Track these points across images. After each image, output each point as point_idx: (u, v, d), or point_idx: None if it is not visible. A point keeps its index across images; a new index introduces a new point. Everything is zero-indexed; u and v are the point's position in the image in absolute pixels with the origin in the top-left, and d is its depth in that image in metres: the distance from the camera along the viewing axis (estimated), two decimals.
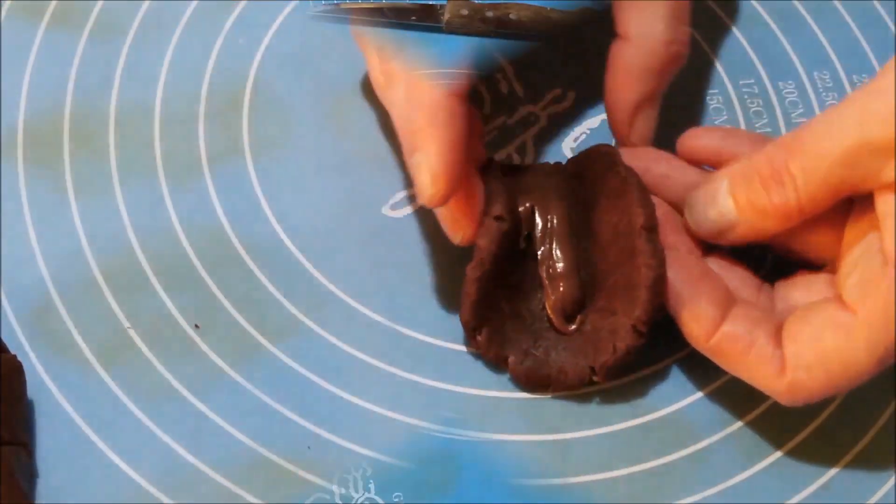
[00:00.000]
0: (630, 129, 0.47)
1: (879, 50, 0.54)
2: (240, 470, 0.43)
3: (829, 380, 0.41)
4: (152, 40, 0.52)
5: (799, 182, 0.41)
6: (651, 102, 0.47)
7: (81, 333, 0.46)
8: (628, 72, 0.46)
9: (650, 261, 0.43)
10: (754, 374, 0.42)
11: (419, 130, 0.43)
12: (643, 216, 0.43)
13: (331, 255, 0.48)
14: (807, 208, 0.41)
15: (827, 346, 0.41)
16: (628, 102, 0.46)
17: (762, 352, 0.41)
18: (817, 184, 0.41)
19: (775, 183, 0.41)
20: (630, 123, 0.47)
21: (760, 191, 0.42)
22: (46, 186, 0.49)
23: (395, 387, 0.45)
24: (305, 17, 0.53)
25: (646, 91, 0.46)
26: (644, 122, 0.47)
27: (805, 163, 0.41)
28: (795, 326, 0.42)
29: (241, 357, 0.46)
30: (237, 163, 0.50)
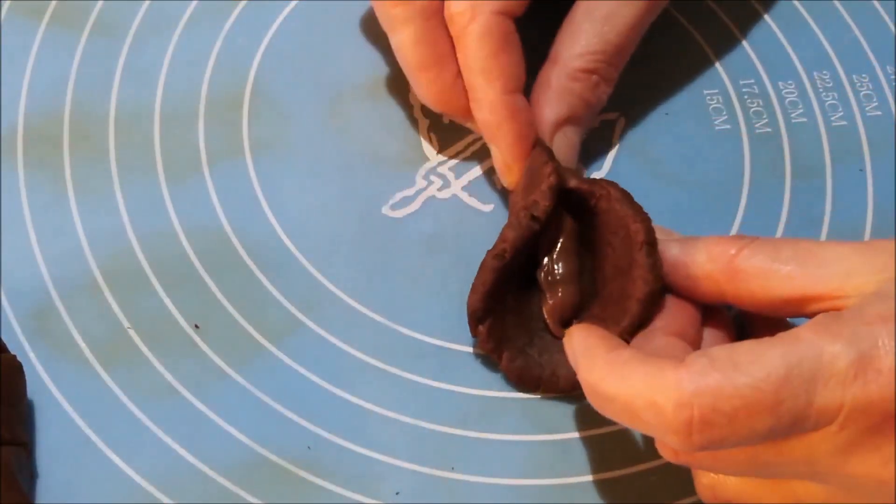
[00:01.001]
0: (551, 146, 0.47)
1: (879, 50, 0.54)
2: (240, 470, 0.43)
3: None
4: (152, 40, 0.52)
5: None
6: (571, 123, 0.48)
7: (81, 333, 0.46)
8: (549, 89, 0.48)
9: (647, 275, 0.43)
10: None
11: (486, 126, 0.47)
12: (643, 231, 0.43)
13: (331, 255, 0.48)
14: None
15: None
16: (547, 120, 0.47)
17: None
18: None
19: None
20: (550, 141, 0.47)
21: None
22: (46, 186, 0.49)
23: (395, 387, 0.45)
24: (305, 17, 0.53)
25: (564, 111, 0.47)
26: (563, 142, 0.47)
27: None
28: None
29: (241, 357, 0.46)
30: (237, 163, 0.50)
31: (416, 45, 0.47)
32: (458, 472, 0.44)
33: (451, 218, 0.49)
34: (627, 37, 0.48)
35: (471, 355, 0.46)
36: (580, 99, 0.48)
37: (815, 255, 0.40)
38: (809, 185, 0.51)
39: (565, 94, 0.48)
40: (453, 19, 0.47)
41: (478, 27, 0.46)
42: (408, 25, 0.47)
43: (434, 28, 0.47)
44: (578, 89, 0.48)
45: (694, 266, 0.43)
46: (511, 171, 0.47)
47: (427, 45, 0.47)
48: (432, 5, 0.47)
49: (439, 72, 0.47)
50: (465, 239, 0.48)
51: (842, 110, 0.52)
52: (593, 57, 0.48)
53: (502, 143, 0.47)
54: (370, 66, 0.52)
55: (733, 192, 0.50)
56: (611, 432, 0.45)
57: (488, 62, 0.46)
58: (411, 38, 0.47)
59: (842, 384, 0.37)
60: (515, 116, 0.47)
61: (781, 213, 0.50)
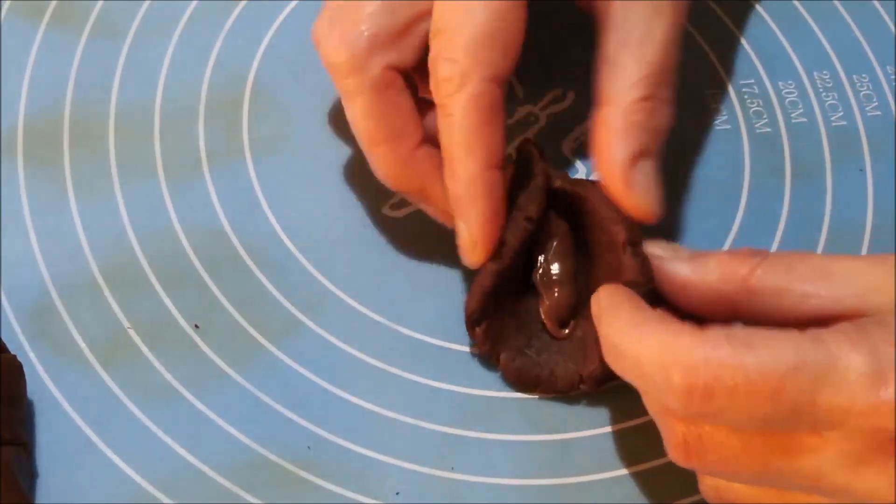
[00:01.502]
0: (628, 188, 0.44)
1: (880, 50, 0.54)
2: (239, 470, 0.43)
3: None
4: (152, 40, 0.52)
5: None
6: (643, 157, 0.45)
7: (81, 333, 0.46)
8: (611, 130, 0.45)
9: (638, 278, 0.43)
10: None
11: (457, 200, 0.44)
12: (624, 232, 0.43)
13: (331, 255, 0.48)
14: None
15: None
16: (618, 160, 0.45)
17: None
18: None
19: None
20: (626, 182, 0.44)
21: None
22: (46, 186, 0.49)
23: (395, 387, 0.45)
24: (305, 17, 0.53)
25: (635, 147, 0.45)
26: (642, 179, 0.45)
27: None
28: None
29: (241, 357, 0.46)
30: (237, 163, 0.50)
31: (367, 119, 0.45)
32: (458, 472, 0.44)
33: None
34: (668, 52, 0.46)
35: (471, 355, 0.46)
36: (645, 130, 0.45)
37: (831, 273, 0.40)
38: (809, 185, 0.51)
39: (629, 130, 0.45)
40: (439, 86, 0.44)
41: (464, 97, 0.43)
42: (359, 98, 0.45)
43: (388, 101, 0.45)
44: (640, 120, 0.45)
45: (706, 288, 0.42)
46: (476, 249, 0.44)
47: (379, 119, 0.45)
48: (387, 76, 0.45)
49: (392, 147, 0.45)
50: None
51: (842, 110, 0.52)
52: (642, 83, 0.45)
53: (474, 220, 0.44)
54: None
55: (733, 192, 0.50)
56: (611, 432, 0.45)
57: (472, 135, 0.44)
58: (362, 111, 0.45)
59: (851, 391, 0.36)
60: (492, 193, 0.44)
61: (781, 213, 0.50)
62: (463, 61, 0.43)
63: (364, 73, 0.45)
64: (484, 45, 0.44)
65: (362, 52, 0.44)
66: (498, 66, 0.44)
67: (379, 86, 0.45)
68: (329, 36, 0.45)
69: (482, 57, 0.44)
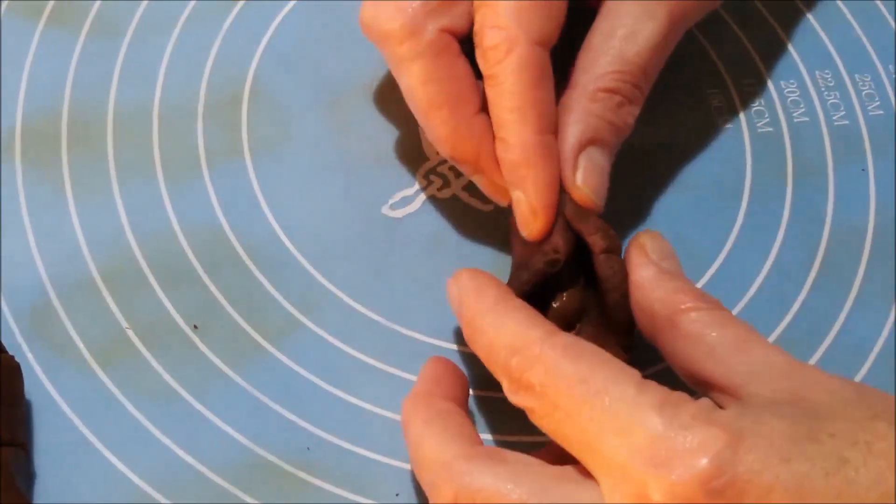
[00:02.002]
0: (572, 171, 0.44)
1: (881, 49, 0.54)
2: (239, 470, 0.43)
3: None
4: (151, 40, 0.52)
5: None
6: (595, 145, 0.45)
7: (80, 334, 0.46)
8: (568, 112, 0.45)
9: (607, 285, 0.43)
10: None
11: (513, 168, 0.44)
12: (602, 240, 0.43)
13: (330, 255, 0.48)
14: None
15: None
16: (567, 142, 0.44)
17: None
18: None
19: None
20: (571, 165, 0.44)
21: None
22: (44, 186, 0.49)
23: (395, 387, 0.45)
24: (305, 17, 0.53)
25: (587, 132, 0.45)
26: (588, 164, 0.45)
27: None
28: None
29: (241, 357, 0.45)
30: (237, 163, 0.50)
31: (426, 84, 0.45)
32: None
33: (451, 218, 0.49)
34: (649, 57, 0.46)
35: (471, 355, 0.46)
36: (602, 119, 0.45)
37: (747, 350, 0.39)
38: (811, 184, 0.50)
39: (586, 115, 0.45)
40: (486, 54, 0.44)
41: (514, 60, 0.43)
42: (416, 63, 0.45)
43: (446, 65, 0.45)
44: (599, 109, 0.45)
45: (648, 298, 0.42)
46: (537, 217, 0.44)
47: (438, 83, 0.45)
48: (443, 39, 0.45)
49: (452, 111, 0.45)
50: (465, 239, 0.48)
51: (843, 110, 0.52)
52: (613, 76, 0.45)
53: (532, 186, 0.44)
54: (370, 66, 0.52)
55: (735, 191, 0.50)
56: None
57: (524, 99, 0.43)
58: (421, 76, 0.45)
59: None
60: (548, 158, 0.44)
61: (783, 213, 0.50)
62: (508, 27, 0.43)
63: (420, 36, 0.45)
64: (528, 10, 0.44)
65: (417, 16, 0.45)
66: (544, 30, 0.44)
67: (436, 49, 0.45)
68: (380, 9, 0.45)
69: (527, 21, 0.44)
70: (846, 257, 0.49)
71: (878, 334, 0.47)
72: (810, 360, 0.47)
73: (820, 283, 0.48)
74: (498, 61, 0.44)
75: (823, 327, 0.47)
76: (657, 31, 0.46)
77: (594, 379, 0.37)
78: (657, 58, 0.47)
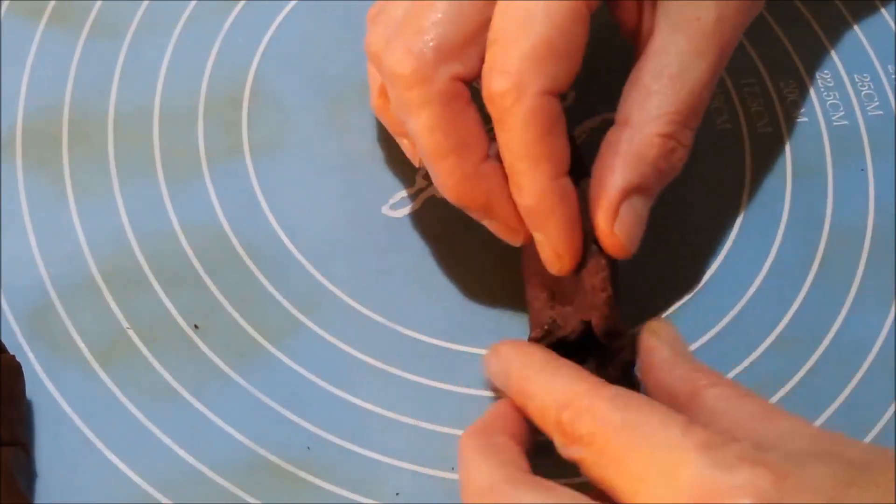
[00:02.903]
0: (612, 218, 0.43)
1: (881, 49, 0.54)
2: (239, 470, 0.43)
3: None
4: (151, 40, 0.52)
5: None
6: (640, 194, 0.44)
7: (80, 334, 0.46)
8: (619, 154, 0.44)
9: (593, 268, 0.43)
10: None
11: (531, 214, 0.43)
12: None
13: (331, 255, 0.48)
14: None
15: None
16: (615, 186, 0.43)
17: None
18: None
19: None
20: (612, 210, 0.43)
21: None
22: (45, 186, 0.49)
23: (395, 387, 0.45)
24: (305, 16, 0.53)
25: (635, 179, 0.43)
26: (630, 214, 0.44)
27: None
28: None
29: (241, 357, 0.45)
30: (237, 163, 0.50)
31: (433, 132, 0.43)
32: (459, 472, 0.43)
33: (451, 218, 0.49)
34: (701, 95, 0.45)
35: (471, 355, 0.46)
36: (654, 168, 0.44)
37: (772, 419, 0.38)
38: (810, 184, 0.50)
39: (638, 161, 0.43)
40: (494, 100, 0.42)
41: (523, 110, 0.41)
42: (425, 110, 0.43)
43: (454, 114, 0.43)
44: (653, 156, 0.43)
45: (667, 378, 0.41)
46: (563, 259, 0.43)
47: (445, 133, 0.43)
48: (454, 87, 0.43)
49: (459, 160, 0.43)
50: (465, 239, 0.48)
51: (843, 110, 0.52)
52: (668, 118, 0.44)
53: (553, 231, 0.43)
54: None
55: (734, 191, 0.50)
56: None
57: (535, 147, 0.42)
58: (428, 123, 0.43)
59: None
60: (565, 202, 0.43)
61: (782, 213, 0.50)
62: (518, 74, 0.42)
63: (430, 84, 0.43)
64: (542, 58, 0.42)
65: (429, 63, 0.42)
66: (556, 79, 0.42)
67: (445, 97, 0.43)
68: (390, 47, 0.43)
69: (538, 70, 0.42)
70: (845, 257, 0.49)
71: (878, 334, 0.47)
72: (810, 360, 0.47)
73: (819, 283, 0.48)
74: (505, 108, 0.42)
75: (823, 327, 0.47)
76: (708, 68, 0.45)
77: (640, 425, 0.37)
78: (708, 96, 0.45)
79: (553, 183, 0.42)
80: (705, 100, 0.45)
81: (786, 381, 0.46)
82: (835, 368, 0.46)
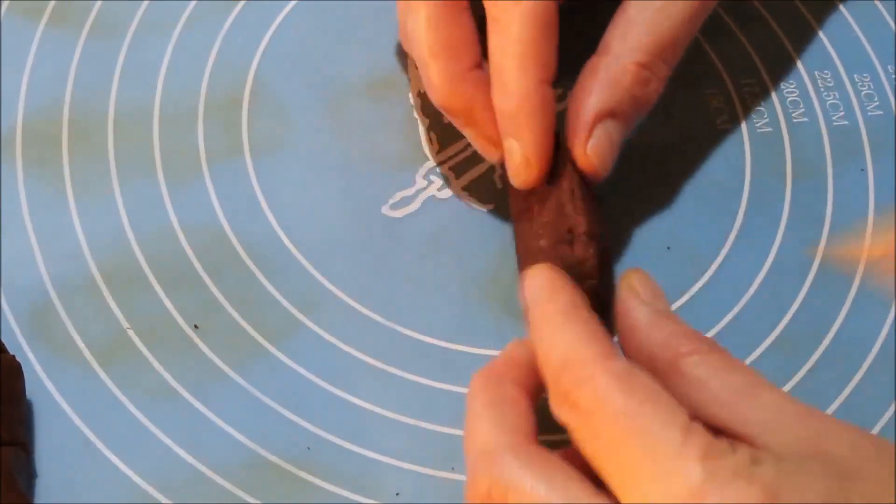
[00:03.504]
0: (585, 139, 0.44)
1: (881, 49, 0.54)
2: (239, 470, 0.43)
3: None
4: (151, 40, 0.52)
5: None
6: (614, 118, 0.45)
7: (80, 333, 0.46)
8: (596, 78, 0.45)
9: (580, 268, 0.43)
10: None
11: (509, 117, 0.44)
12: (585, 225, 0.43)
13: (331, 255, 0.48)
14: None
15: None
16: (590, 107, 0.45)
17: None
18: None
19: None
20: (585, 132, 0.44)
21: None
22: (45, 186, 0.49)
23: (395, 387, 0.45)
24: (305, 16, 0.53)
25: (609, 103, 0.45)
26: (603, 136, 0.45)
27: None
28: None
29: (241, 357, 0.45)
30: (237, 163, 0.50)
31: (428, 30, 0.45)
32: (458, 472, 0.43)
33: (451, 218, 0.49)
34: (682, 31, 0.46)
35: (471, 355, 0.46)
36: (628, 93, 0.45)
37: (755, 396, 0.38)
38: (810, 184, 0.50)
39: (613, 86, 0.45)
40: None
41: (521, 7, 0.43)
42: (424, 7, 0.45)
43: (450, 14, 0.45)
44: (628, 82, 0.45)
45: (646, 343, 0.40)
46: (531, 167, 0.44)
47: (438, 31, 0.45)
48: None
49: (449, 62, 0.45)
50: (465, 239, 0.48)
51: (843, 110, 0.52)
52: (647, 50, 0.45)
53: (529, 135, 0.44)
54: (370, 66, 0.52)
55: (734, 191, 0.50)
56: None
57: (527, 48, 0.43)
58: (426, 20, 0.45)
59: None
60: (546, 108, 0.44)
61: (782, 213, 0.50)
62: None
63: None
64: None
65: None
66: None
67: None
68: None
69: None
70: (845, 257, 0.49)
71: (878, 334, 0.47)
72: (810, 360, 0.47)
73: (819, 283, 0.48)
74: (505, 8, 0.44)
75: (823, 327, 0.47)
76: (689, 6, 0.46)
77: (641, 417, 0.36)
78: (688, 33, 0.47)
79: (538, 87, 0.44)
80: (685, 37, 0.47)
81: (786, 380, 0.46)
82: (835, 368, 0.46)
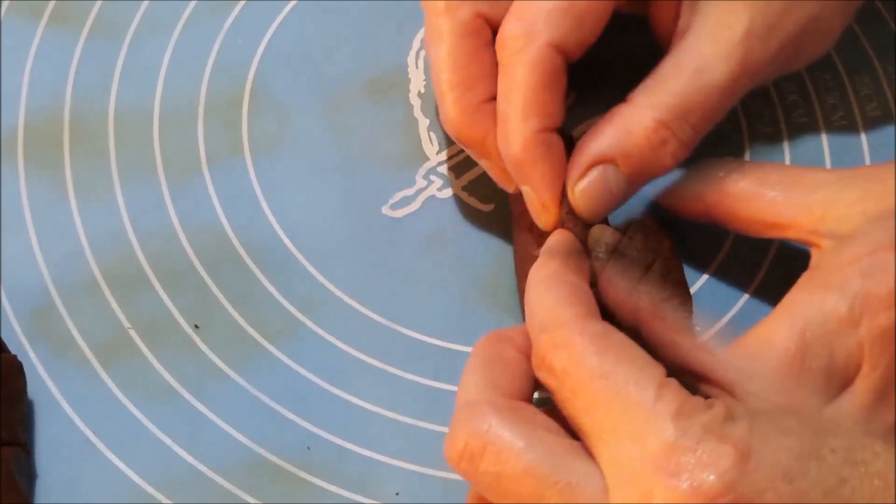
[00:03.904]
0: (579, 176, 0.44)
1: (881, 50, 0.54)
2: (239, 470, 0.43)
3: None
4: (151, 40, 0.52)
5: None
6: (617, 168, 0.44)
7: (81, 333, 0.46)
8: (609, 123, 0.44)
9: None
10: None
11: (516, 165, 0.44)
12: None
13: (330, 255, 0.48)
14: None
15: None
16: (590, 148, 0.44)
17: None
18: None
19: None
20: (581, 170, 0.44)
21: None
22: (46, 186, 0.49)
23: (395, 387, 0.45)
24: (305, 16, 0.53)
25: (613, 149, 0.43)
26: (598, 179, 0.44)
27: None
28: None
29: (241, 357, 0.46)
30: (237, 163, 0.50)
31: (448, 61, 0.45)
32: None
33: (451, 218, 0.49)
34: (715, 99, 0.44)
35: None
36: (638, 147, 0.44)
37: (800, 183, 0.42)
38: None
39: (623, 134, 0.43)
40: (504, 43, 0.44)
41: (527, 56, 0.43)
42: (446, 39, 0.45)
43: (470, 49, 0.45)
44: (640, 136, 0.43)
45: (685, 186, 0.44)
46: (548, 210, 0.44)
47: (457, 64, 0.45)
48: (475, 23, 0.45)
49: (464, 94, 0.45)
50: (465, 239, 0.48)
51: (843, 110, 0.52)
52: (670, 109, 0.44)
53: (538, 182, 0.43)
54: (370, 66, 0.52)
55: None
56: None
57: (530, 96, 0.43)
58: (447, 51, 0.45)
59: (852, 327, 0.38)
60: (551, 155, 0.43)
61: None
62: (531, 23, 0.43)
63: (455, 15, 0.45)
64: (557, 12, 0.44)
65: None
66: (567, 36, 0.44)
67: (466, 30, 0.45)
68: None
69: (552, 22, 0.43)
70: None
71: None
72: None
73: None
74: (512, 54, 0.44)
75: None
76: (726, 75, 0.45)
77: (616, 376, 0.37)
78: (723, 104, 0.45)
79: (538, 136, 0.43)
80: (716, 106, 0.45)
81: None
82: None
